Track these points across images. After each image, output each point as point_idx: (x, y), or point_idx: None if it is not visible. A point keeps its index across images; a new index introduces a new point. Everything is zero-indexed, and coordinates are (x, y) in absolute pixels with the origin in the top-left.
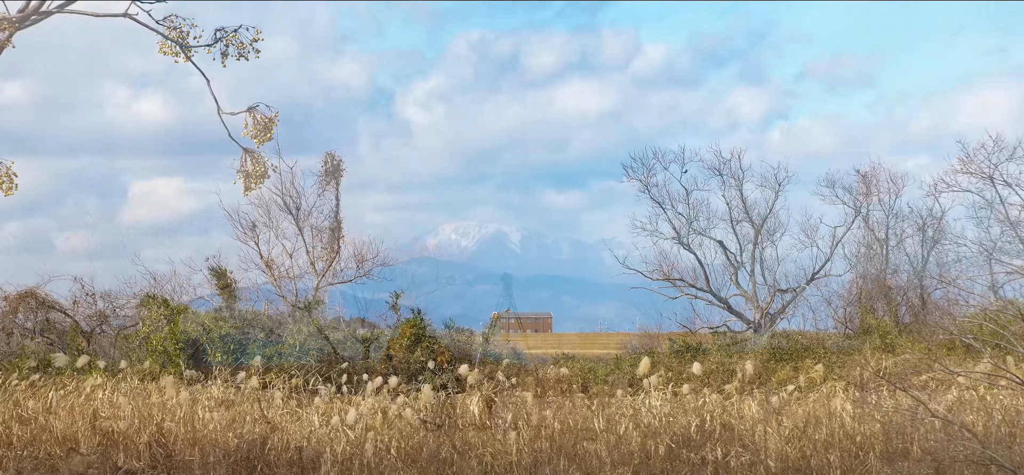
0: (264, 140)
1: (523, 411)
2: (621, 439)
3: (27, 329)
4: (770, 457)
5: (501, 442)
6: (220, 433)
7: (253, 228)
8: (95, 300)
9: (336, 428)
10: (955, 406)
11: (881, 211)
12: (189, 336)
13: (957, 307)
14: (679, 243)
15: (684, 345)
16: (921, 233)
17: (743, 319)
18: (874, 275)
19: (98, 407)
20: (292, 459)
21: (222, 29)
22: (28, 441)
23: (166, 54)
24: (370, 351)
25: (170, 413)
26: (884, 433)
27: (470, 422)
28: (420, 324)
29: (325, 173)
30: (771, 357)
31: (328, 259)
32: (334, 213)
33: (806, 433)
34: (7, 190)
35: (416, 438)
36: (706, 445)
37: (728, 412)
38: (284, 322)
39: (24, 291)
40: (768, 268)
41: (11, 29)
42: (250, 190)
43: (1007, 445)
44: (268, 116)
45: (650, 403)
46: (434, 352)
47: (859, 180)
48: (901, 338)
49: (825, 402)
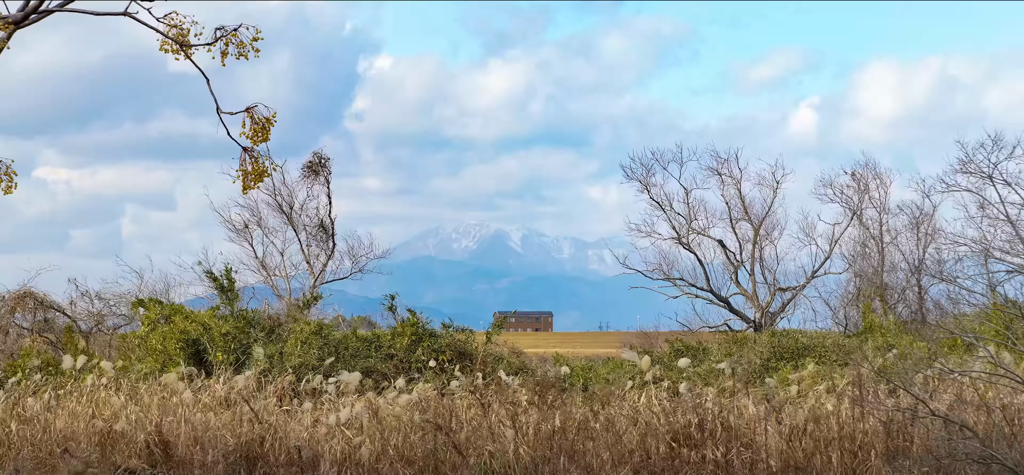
0: (261, 140)
1: (522, 410)
2: (620, 438)
3: (25, 329)
4: (771, 456)
5: (500, 441)
6: (219, 432)
7: (245, 227)
8: (92, 300)
9: (335, 427)
10: (956, 405)
11: (874, 210)
12: (189, 335)
13: (957, 305)
14: (679, 243)
15: (684, 345)
16: (915, 231)
17: (743, 318)
18: (870, 274)
19: (98, 406)
20: (291, 459)
21: (222, 28)
22: (28, 440)
23: (166, 52)
24: (372, 350)
25: (170, 412)
26: (886, 431)
27: (469, 421)
28: (420, 324)
29: (309, 170)
30: (771, 356)
31: (323, 258)
32: (327, 211)
33: (807, 431)
34: (6, 189)
35: (414, 437)
36: (707, 443)
37: (727, 410)
38: (284, 321)
39: (23, 291)
40: (768, 267)
41: (10, 29)
42: (250, 189)
43: (1008, 443)
44: (266, 116)
45: (650, 402)
46: (435, 351)
47: (851, 179)
48: (901, 337)
49: (825, 401)
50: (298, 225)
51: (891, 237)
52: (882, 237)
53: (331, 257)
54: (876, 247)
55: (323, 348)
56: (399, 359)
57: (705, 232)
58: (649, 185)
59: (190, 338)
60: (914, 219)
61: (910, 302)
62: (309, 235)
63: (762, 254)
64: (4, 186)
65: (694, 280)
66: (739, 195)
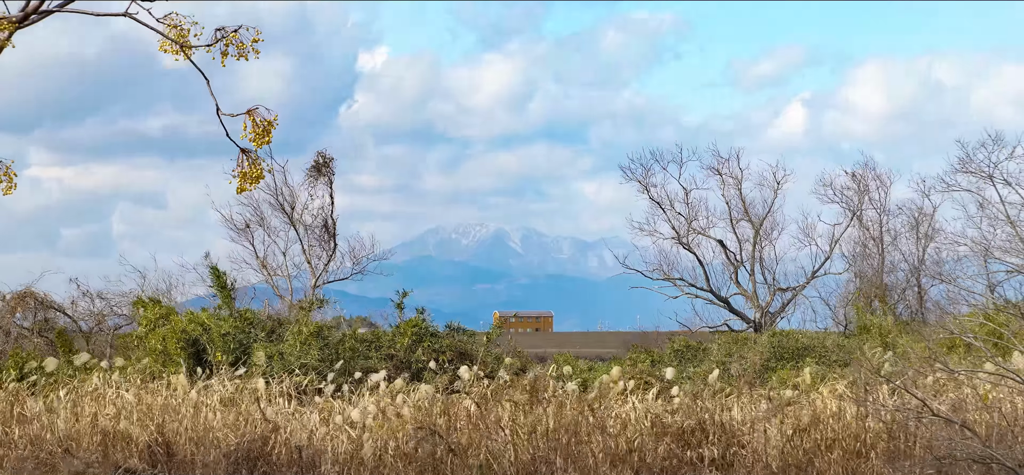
0: (263, 142)
1: (521, 410)
2: (618, 438)
3: (25, 329)
4: (771, 457)
5: (499, 441)
6: (221, 432)
7: (247, 227)
8: (93, 300)
9: (337, 427)
10: (956, 405)
11: (874, 210)
12: (189, 335)
13: (956, 306)
14: (679, 243)
15: (684, 345)
16: (915, 231)
17: (743, 318)
18: (870, 274)
19: (98, 406)
20: (292, 458)
21: (222, 29)
22: (29, 440)
23: (166, 53)
24: (372, 351)
25: (171, 412)
26: (887, 432)
27: (468, 421)
28: (422, 324)
29: (313, 171)
30: (771, 356)
31: (325, 258)
32: (329, 211)
33: (808, 432)
34: (6, 189)
35: (415, 438)
36: (704, 444)
37: (726, 410)
38: (285, 321)
39: (23, 291)
40: (767, 267)
41: (11, 29)
42: (244, 190)
43: (1008, 444)
44: (268, 119)
45: (649, 402)
46: (436, 352)
47: (850, 180)
48: (901, 337)
49: (825, 401)
50: (299, 225)
51: (891, 237)
52: (882, 238)
53: (332, 257)
54: (876, 248)
55: (323, 349)
56: (399, 359)
57: (705, 232)
58: (649, 185)
59: (190, 338)
60: (913, 219)
61: (910, 303)
62: (311, 235)
63: (762, 254)
64: (4, 186)
65: (694, 280)
66: (739, 195)
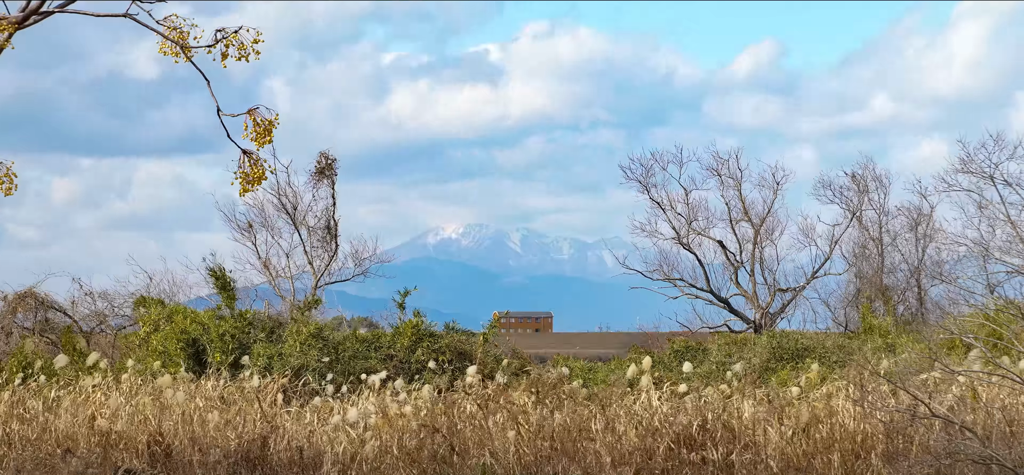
0: (264, 143)
1: (522, 411)
2: (621, 438)
3: (26, 329)
4: (772, 457)
5: (501, 442)
6: (220, 432)
7: (250, 228)
8: (94, 300)
9: (337, 428)
10: (956, 405)
11: (873, 211)
12: (189, 335)
13: (956, 306)
14: (678, 243)
15: (684, 345)
16: (914, 231)
17: (743, 319)
18: (870, 275)
19: (98, 407)
20: (293, 459)
21: (222, 30)
22: (29, 440)
23: (166, 54)
24: (371, 351)
25: (170, 412)
26: (886, 432)
27: (469, 422)
28: (421, 324)
29: (317, 171)
30: (771, 357)
31: (326, 258)
32: (331, 212)
33: (808, 432)
34: (7, 190)
35: (417, 438)
36: (707, 444)
37: (728, 411)
38: (285, 322)
39: (24, 291)
40: (768, 268)
41: (11, 30)
42: (247, 191)
43: (1007, 444)
44: (268, 119)
45: (649, 402)
46: (435, 352)
47: (851, 181)
48: (901, 337)
49: (826, 401)
50: (301, 226)
51: (890, 238)
52: (882, 238)
53: (334, 258)
54: (876, 248)
55: (322, 350)
56: (399, 360)
57: (705, 232)
58: (648, 186)
59: (190, 338)
60: (913, 220)
61: (910, 304)
62: (314, 236)
63: (762, 255)
64: (5, 187)
65: (694, 281)
66: (739, 196)
